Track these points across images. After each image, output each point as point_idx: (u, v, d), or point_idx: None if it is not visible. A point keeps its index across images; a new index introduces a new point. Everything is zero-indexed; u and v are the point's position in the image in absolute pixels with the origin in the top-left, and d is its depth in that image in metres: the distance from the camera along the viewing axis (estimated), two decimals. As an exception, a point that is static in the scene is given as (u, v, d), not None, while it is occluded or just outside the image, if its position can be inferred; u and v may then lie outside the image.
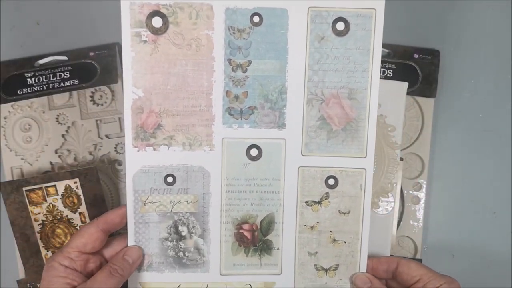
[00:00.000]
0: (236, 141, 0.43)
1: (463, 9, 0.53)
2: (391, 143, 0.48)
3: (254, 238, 0.44)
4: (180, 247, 0.43)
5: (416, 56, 0.52)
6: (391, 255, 0.47)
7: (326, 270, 0.45)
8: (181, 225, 0.43)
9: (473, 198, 0.53)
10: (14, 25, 0.53)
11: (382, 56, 0.52)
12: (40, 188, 0.48)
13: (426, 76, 0.52)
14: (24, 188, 0.48)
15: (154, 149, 0.42)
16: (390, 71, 0.52)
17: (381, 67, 0.51)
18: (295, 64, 0.43)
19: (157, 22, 0.41)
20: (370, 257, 0.45)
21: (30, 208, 0.49)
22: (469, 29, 0.53)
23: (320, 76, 0.43)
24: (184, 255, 0.44)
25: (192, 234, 0.44)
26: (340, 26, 0.42)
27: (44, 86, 0.52)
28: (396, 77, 0.51)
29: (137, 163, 0.42)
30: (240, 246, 0.44)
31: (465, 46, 0.53)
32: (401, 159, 0.49)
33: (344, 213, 0.44)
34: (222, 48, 0.42)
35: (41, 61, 0.52)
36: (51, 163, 0.52)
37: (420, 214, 0.52)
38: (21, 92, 0.52)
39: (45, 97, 0.52)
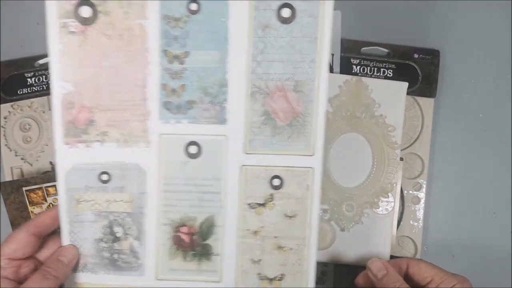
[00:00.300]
0: (173, 138, 0.40)
1: (463, 9, 0.53)
2: (391, 143, 0.48)
3: (193, 242, 0.41)
4: (115, 249, 0.41)
5: (416, 56, 0.51)
6: (400, 257, 0.45)
7: (270, 280, 0.41)
8: (117, 226, 0.41)
9: (473, 198, 0.52)
10: (14, 25, 0.54)
11: (382, 56, 0.51)
12: (40, 188, 0.49)
13: (426, 76, 0.51)
14: (24, 188, 0.49)
15: (87, 146, 0.41)
16: (390, 71, 0.51)
17: (381, 67, 0.51)
18: (236, 54, 0.39)
19: (85, 11, 0.39)
20: (370, 258, 0.42)
21: (30, 208, 0.49)
22: (469, 29, 0.53)
23: (264, 68, 0.39)
24: (119, 257, 0.41)
25: (127, 236, 0.41)
26: (286, 12, 0.39)
27: (44, 86, 0.52)
28: (396, 77, 0.51)
29: (69, 160, 0.40)
30: (178, 250, 0.41)
31: (465, 46, 0.53)
32: (401, 159, 0.49)
33: (291, 217, 0.40)
34: (157, 38, 0.39)
35: (41, 61, 0.53)
36: (51, 163, 0.52)
37: (420, 214, 0.51)
38: (21, 92, 0.53)
39: (45, 97, 0.52)
